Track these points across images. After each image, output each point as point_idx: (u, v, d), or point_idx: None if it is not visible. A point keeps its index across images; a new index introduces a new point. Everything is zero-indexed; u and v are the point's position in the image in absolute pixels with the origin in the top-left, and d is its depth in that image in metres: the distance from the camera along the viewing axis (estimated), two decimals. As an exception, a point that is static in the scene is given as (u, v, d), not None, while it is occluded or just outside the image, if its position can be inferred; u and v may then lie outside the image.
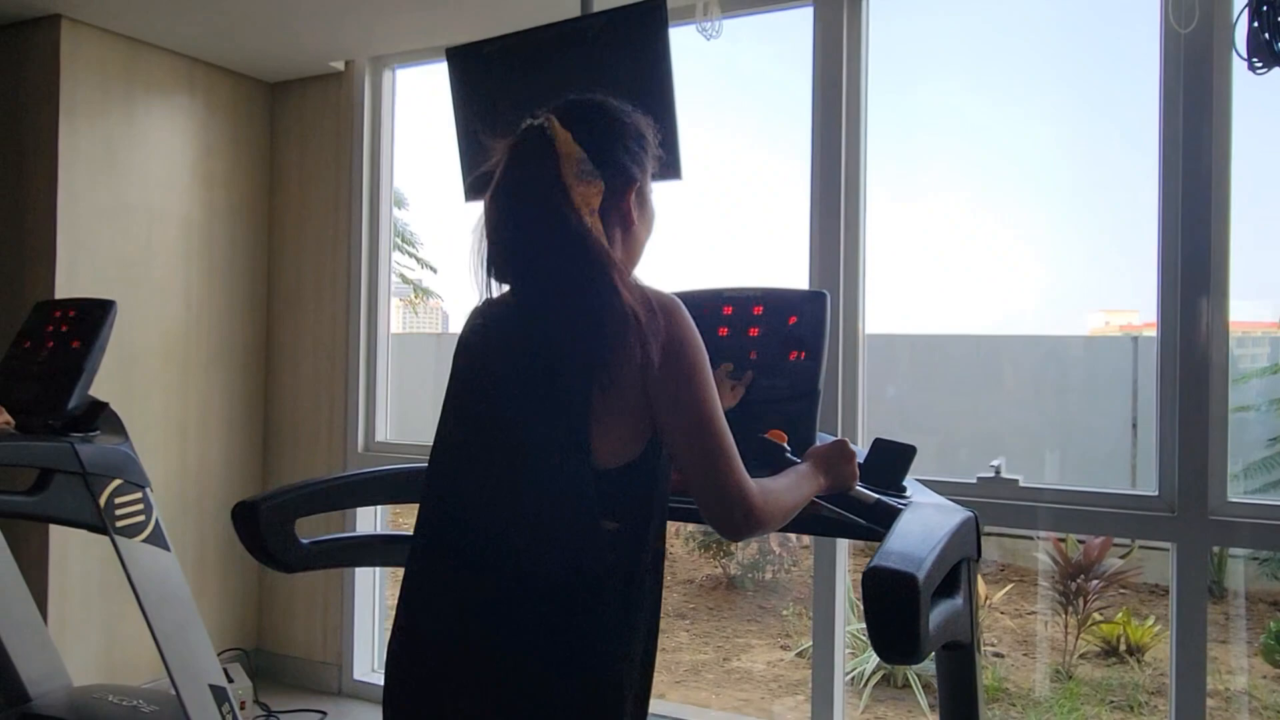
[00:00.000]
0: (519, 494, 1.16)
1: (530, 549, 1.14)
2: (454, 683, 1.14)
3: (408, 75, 3.79)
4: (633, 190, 1.29)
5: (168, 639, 2.37)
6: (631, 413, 1.16)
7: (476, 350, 1.28)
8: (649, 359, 1.14)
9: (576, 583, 1.13)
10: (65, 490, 2.14)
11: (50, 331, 2.50)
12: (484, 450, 1.20)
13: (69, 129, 3.16)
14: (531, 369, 1.19)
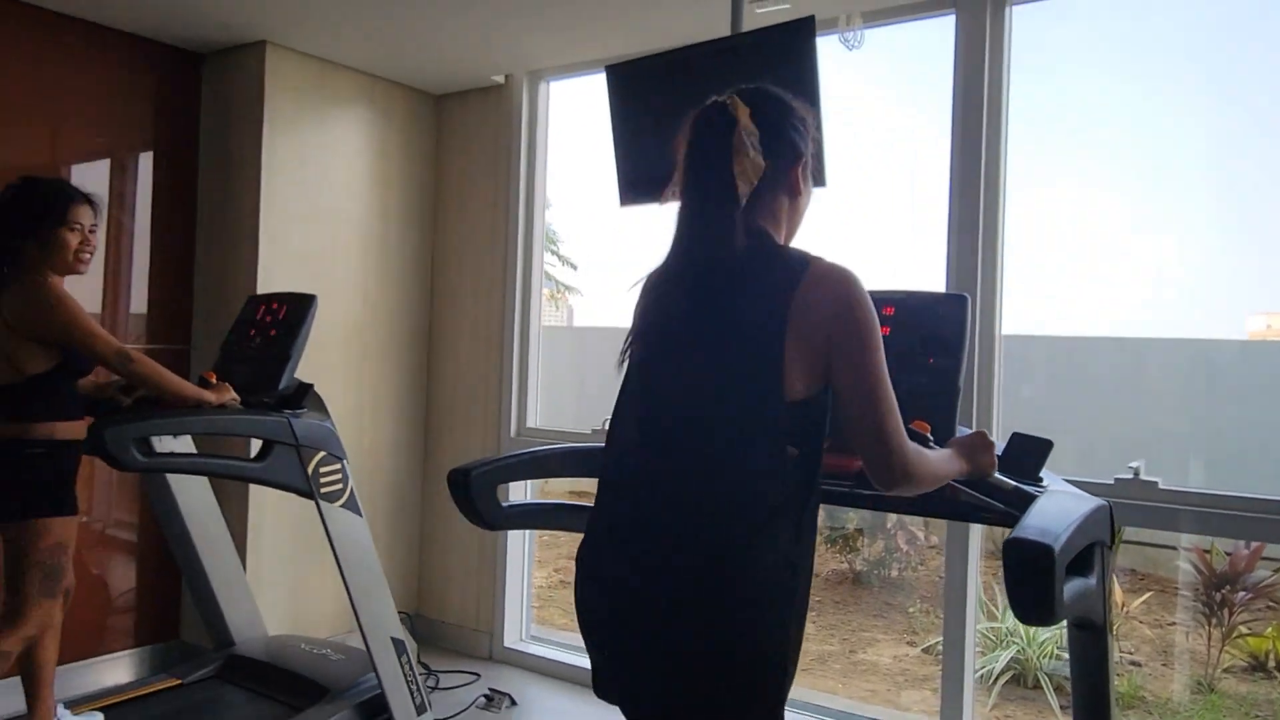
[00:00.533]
0: (714, 431, 1.35)
1: (725, 477, 1.33)
2: (651, 602, 1.33)
3: (560, 86, 4.06)
4: (800, 164, 1.48)
5: (358, 593, 2.69)
6: (808, 356, 1.33)
7: (659, 310, 1.47)
8: (824, 315, 1.33)
9: (764, 504, 1.31)
10: (282, 459, 2.48)
11: (261, 321, 2.87)
12: (678, 394, 1.39)
13: (270, 141, 3.56)
14: (721, 313, 1.38)
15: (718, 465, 1.34)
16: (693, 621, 1.29)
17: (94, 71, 3.44)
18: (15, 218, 2.34)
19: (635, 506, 1.39)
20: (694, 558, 1.31)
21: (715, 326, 1.40)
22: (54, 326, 2.27)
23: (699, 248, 1.45)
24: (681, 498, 1.34)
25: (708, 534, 1.32)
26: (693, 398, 1.39)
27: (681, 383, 1.41)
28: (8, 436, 2.29)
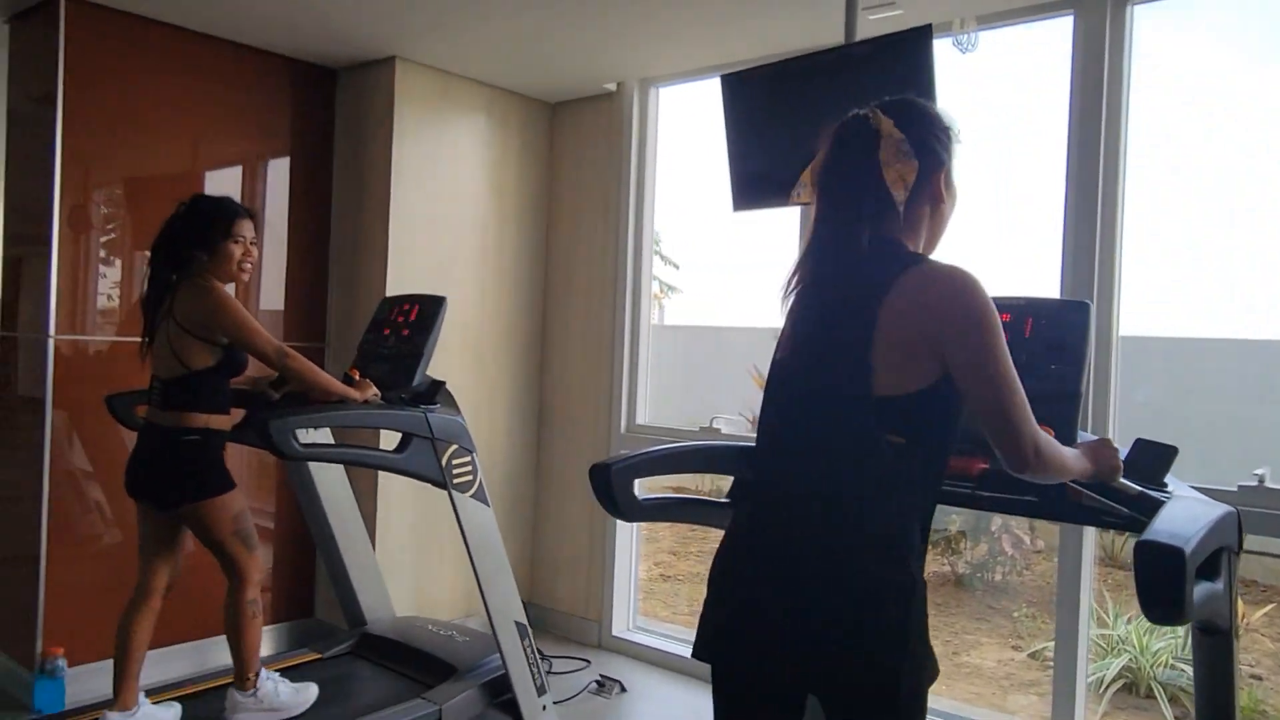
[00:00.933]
0: (817, 426, 1.46)
1: (829, 465, 1.44)
2: (776, 573, 1.44)
3: (668, 92, 4.17)
4: (942, 172, 1.54)
5: (486, 579, 2.86)
6: (909, 350, 1.40)
7: (791, 318, 1.58)
8: (929, 310, 1.40)
9: (866, 483, 1.41)
10: (420, 451, 2.66)
11: (395, 321, 3.06)
12: (797, 399, 1.51)
13: (399, 151, 3.78)
14: (829, 321, 1.48)
15: (834, 464, 1.44)
16: (831, 599, 1.39)
17: (238, 88, 3.72)
18: (187, 231, 2.58)
19: (779, 498, 1.50)
20: (825, 545, 1.41)
21: (828, 330, 1.49)
22: (222, 326, 2.49)
23: (827, 257, 1.53)
24: (810, 493, 1.45)
25: (833, 524, 1.42)
26: (810, 398, 1.49)
27: (805, 384, 1.51)
28: (167, 424, 2.53)
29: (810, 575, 1.41)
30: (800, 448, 1.49)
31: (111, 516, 3.46)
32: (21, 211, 3.46)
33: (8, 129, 3.53)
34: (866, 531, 1.40)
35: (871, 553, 1.40)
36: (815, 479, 1.45)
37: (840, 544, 1.41)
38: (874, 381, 1.40)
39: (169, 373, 2.52)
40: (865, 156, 1.49)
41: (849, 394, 1.42)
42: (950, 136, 1.56)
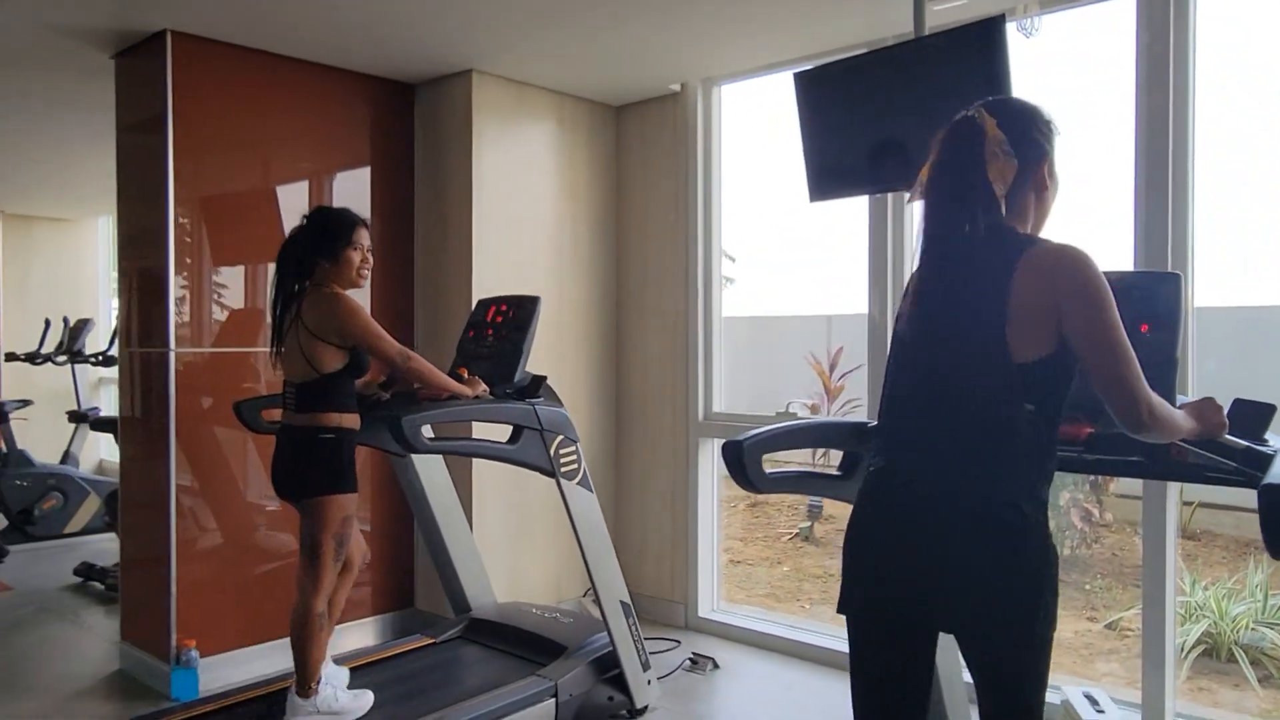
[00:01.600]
0: (957, 395, 1.60)
1: (980, 435, 1.57)
2: (920, 530, 1.59)
3: (730, 89, 4.29)
4: (1045, 162, 1.69)
5: (593, 561, 3.02)
6: (1035, 321, 1.54)
7: (912, 302, 1.71)
8: (1049, 284, 1.53)
9: (1012, 452, 1.55)
10: (530, 442, 2.83)
11: (492, 321, 3.23)
12: (933, 371, 1.64)
13: (478, 159, 3.95)
14: (957, 301, 1.62)
15: (973, 426, 1.58)
16: (975, 548, 1.55)
17: (324, 105, 3.92)
18: (311, 241, 2.75)
19: (916, 459, 1.65)
20: (964, 497, 1.57)
21: (957, 308, 1.63)
22: (351, 332, 2.66)
23: (944, 245, 1.67)
24: (947, 451, 1.60)
25: (974, 481, 1.57)
26: (946, 369, 1.63)
27: (941, 358, 1.65)
28: (303, 425, 2.70)
29: (956, 532, 1.56)
30: (940, 415, 1.62)
31: (231, 517, 3.69)
32: (136, 236, 3.69)
33: (117, 158, 3.75)
34: (1008, 493, 1.55)
35: (1013, 512, 1.54)
36: (957, 444, 1.59)
37: (985, 505, 1.55)
38: (1009, 351, 1.53)
39: (301, 376, 2.70)
40: (972, 153, 1.63)
41: (990, 363, 1.56)
42: (1051, 129, 1.70)
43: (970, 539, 1.55)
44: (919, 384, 1.67)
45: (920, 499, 1.60)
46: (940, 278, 1.66)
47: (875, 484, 1.70)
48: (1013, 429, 1.55)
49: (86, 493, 5.96)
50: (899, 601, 1.64)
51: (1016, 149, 1.62)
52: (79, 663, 3.89)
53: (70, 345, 6.49)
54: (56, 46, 3.58)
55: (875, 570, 1.66)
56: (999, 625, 1.55)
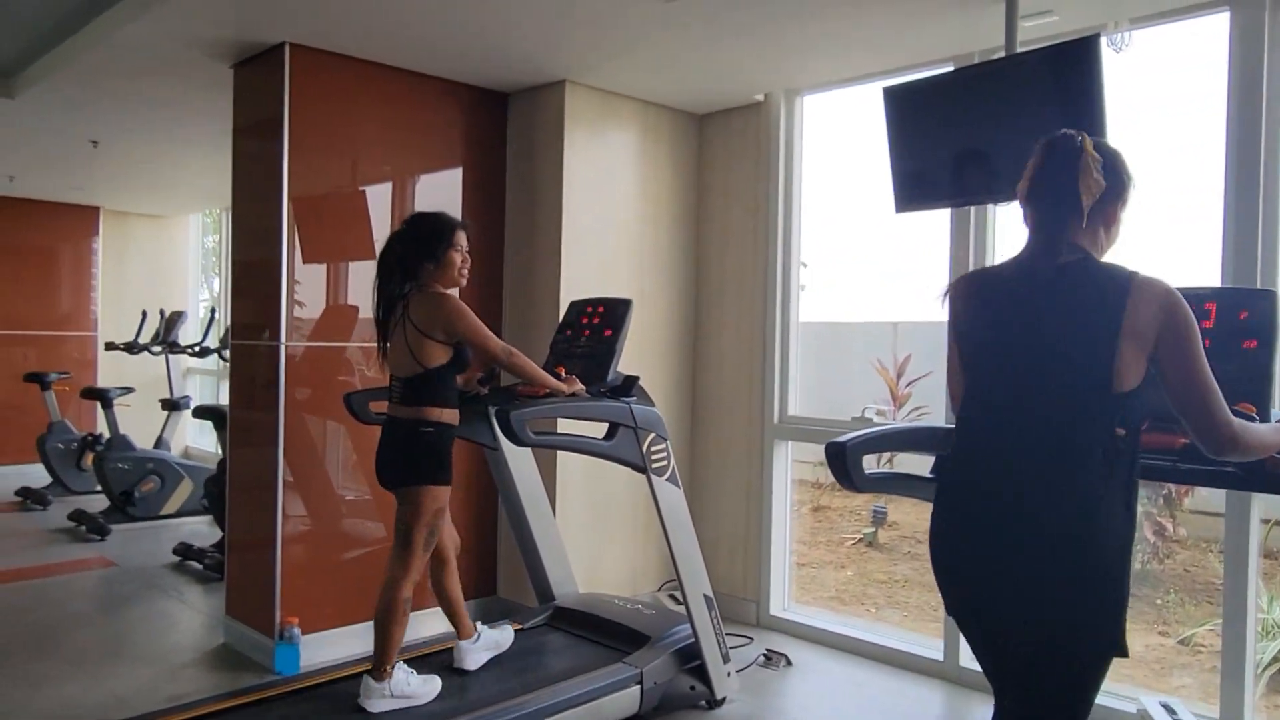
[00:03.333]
0: (1058, 414, 1.67)
1: (1070, 451, 1.65)
2: (1018, 545, 1.68)
3: (812, 100, 4.38)
4: (1120, 202, 1.78)
5: (680, 554, 3.15)
6: (1136, 353, 1.63)
7: (997, 310, 1.79)
8: (1151, 318, 1.62)
9: (1100, 473, 1.64)
10: (625, 439, 2.96)
11: (585, 322, 3.37)
12: (1024, 389, 1.72)
13: (569, 165, 4.11)
14: (1059, 316, 1.70)
15: (1063, 441, 1.67)
16: (1054, 559, 1.63)
17: (424, 112, 4.11)
18: (414, 245, 2.91)
19: (1003, 476, 1.73)
20: (1051, 514, 1.65)
21: (1055, 328, 1.71)
22: (456, 329, 2.82)
23: (1039, 259, 1.76)
24: (1036, 468, 1.68)
25: (1059, 496, 1.66)
26: (1039, 387, 1.71)
27: (1027, 375, 1.73)
28: (407, 417, 2.87)
29: (1038, 554, 1.65)
30: (1031, 434, 1.70)
31: (331, 503, 3.90)
32: (251, 232, 3.92)
33: (234, 159, 3.99)
34: (1095, 516, 1.63)
35: (1103, 536, 1.63)
36: (1048, 465, 1.67)
37: (1071, 530, 1.63)
38: (1114, 380, 1.63)
39: (407, 371, 2.87)
40: (1068, 167, 1.73)
41: (1093, 391, 1.64)
42: (1131, 178, 1.79)
43: (1052, 561, 1.63)
44: (1009, 398, 1.75)
45: (1005, 517, 1.70)
46: (1031, 296, 1.74)
47: (958, 497, 1.79)
48: (1106, 456, 1.63)
49: (181, 477, 6.28)
50: (989, 618, 1.76)
51: (1104, 175, 1.72)
52: (185, 635, 4.14)
53: (165, 336, 6.84)
54: (183, 58, 3.82)
55: (962, 584, 1.77)
56: (1085, 644, 1.65)
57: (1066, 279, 1.71)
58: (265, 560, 3.70)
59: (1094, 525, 1.63)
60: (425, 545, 2.87)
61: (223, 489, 5.09)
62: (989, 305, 1.83)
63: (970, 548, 1.76)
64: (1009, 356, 1.77)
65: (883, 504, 6.97)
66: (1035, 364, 1.72)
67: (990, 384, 1.80)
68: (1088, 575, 1.63)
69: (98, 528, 5.83)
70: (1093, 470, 1.63)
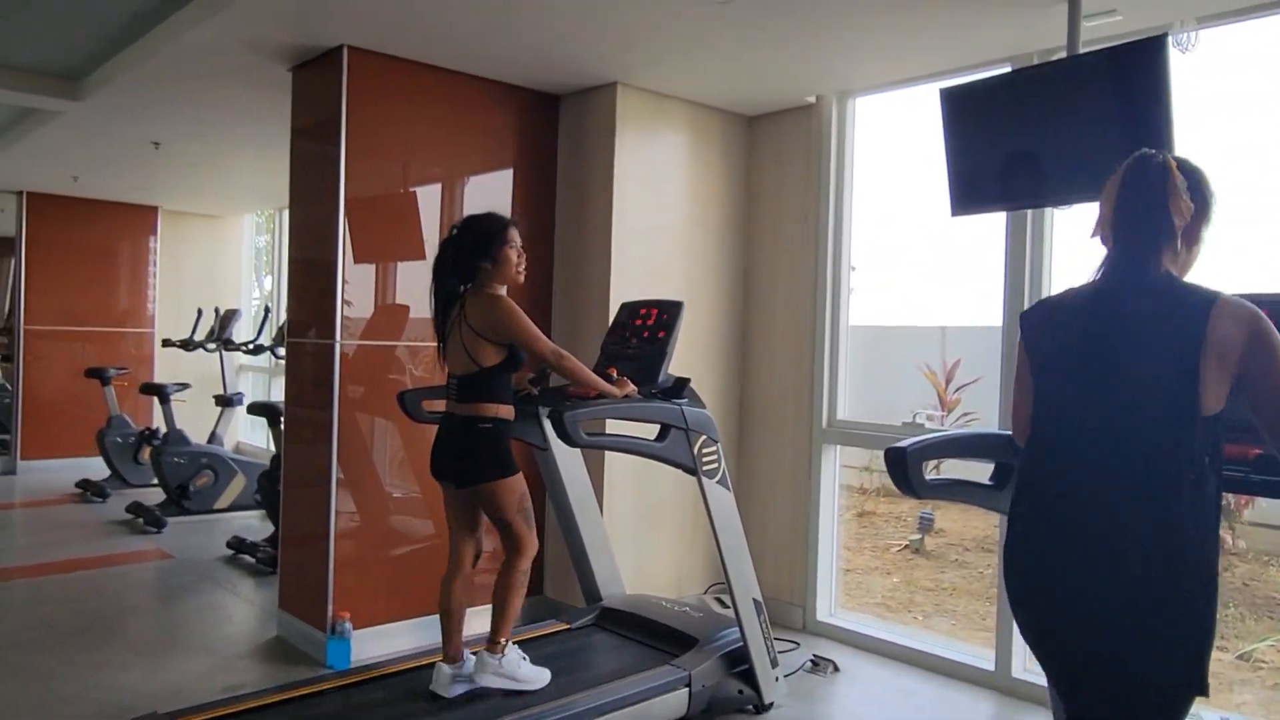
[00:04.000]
0: (1141, 434, 1.63)
1: (1155, 472, 1.61)
2: (1099, 573, 1.64)
3: (864, 102, 4.35)
4: (1205, 221, 1.75)
5: (729, 558, 3.14)
6: (1221, 375, 1.59)
7: (1079, 328, 1.75)
8: (1236, 340, 1.59)
9: (1186, 493, 1.59)
10: (676, 441, 2.96)
11: (637, 324, 3.38)
12: (1111, 416, 1.68)
13: (620, 167, 4.12)
14: (1144, 337, 1.66)
15: (1151, 470, 1.62)
16: (1139, 591, 1.60)
17: (476, 113, 4.15)
18: (469, 246, 2.94)
19: (1078, 505, 1.69)
20: (1138, 547, 1.61)
21: (1140, 354, 1.67)
22: (509, 330, 2.85)
23: (1123, 282, 1.73)
24: (1122, 499, 1.64)
25: (1146, 529, 1.61)
26: (1125, 414, 1.67)
27: (1107, 395, 1.69)
28: (466, 414, 2.90)
29: (1131, 590, 1.61)
30: (1115, 462, 1.66)
31: (382, 499, 3.95)
32: (308, 232, 3.99)
33: (291, 160, 4.06)
34: (1188, 549, 1.60)
35: (1192, 571, 1.59)
36: (1134, 495, 1.63)
37: (1156, 559, 1.60)
38: (1199, 404, 1.59)
39: (464, 370, 2.90)
40: (1157, 191, 1.70)
41: (1178, 413, 1.60)
42: (1214, 199, 1.75)
43: (1138, 596, 1.60)
44: (1092, 426, 1.70)
45: (1088, 550, 1.66)
46: (1114, 315, 1.70)
47: (1035, 527, 1.75)
48: (1195, 484, 1.59)
49: (235, 472, 6.41)
50: (1067, 651, 1.72)
51: (1191, 197, 1.69)
52: (239, 627, 4.22)
53: (220, 333, 6.98)
54: (244, 61, 3.90)
55: (1040, 615, 1.74)
56: (1174, 683, 1.61)
57: (1151, 302, 1.68)
58: (318, 555, 3.76)
59: (1183, 560, 1.59)
60: (527, 525, 2.93)
61: (276, 484, 5.20)
62: (1067, 331, 1.79)
63: (1049, 579, 1.72)
64: (1092, 383, 1.72)
65: (930, 510, 6.89)
66: (1120, 391, 1.68)
67: (1071, 412, 1.75)
68: (1175, 612, 1.59)
69: (154, 520, 5.97)
70: (1182, 500, 1.59)
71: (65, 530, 6.02)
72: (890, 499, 7.80)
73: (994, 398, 3.81)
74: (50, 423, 8.11)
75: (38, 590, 4.68)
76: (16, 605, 4.43)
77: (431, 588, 3.11)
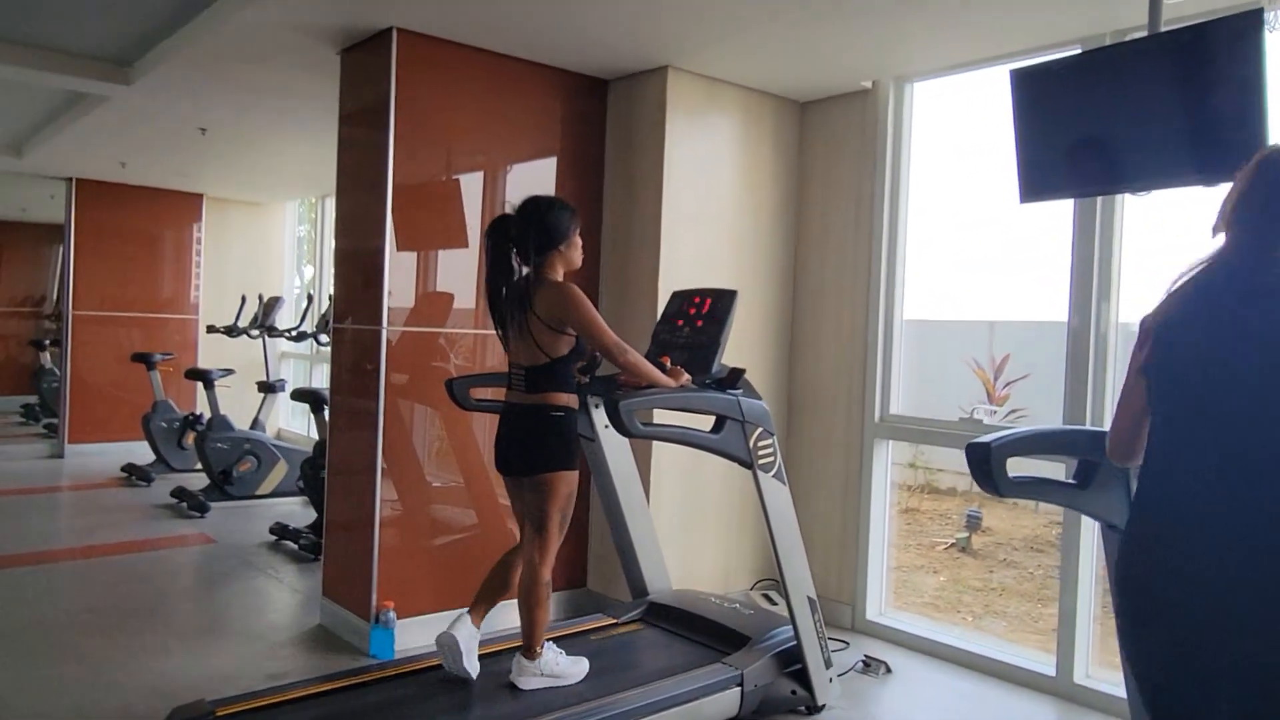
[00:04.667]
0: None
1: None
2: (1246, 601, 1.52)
3: (923, 87, 4.21)
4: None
5: (785, 554, 3.05)
6: None
7: (1201, 326, 1.64)
8: None
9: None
10: (732, 433, 2.87)
11: (689, 313, 3.29)
12: (1240, 415, 1.56)
13: (670, 152, 4.02)
14: (1268, 342, 1.54)
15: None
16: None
17: (524, 98, 4.08)
18: (532, 231, 2.86)
19: (1214, 515, 1.57)
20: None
21: (1267, 348, 1.55)
22: (574, 321, 2.77)
23: (1236, 279, 1.62)
24: (1262, 513, 1.52)
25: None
26: (1250, 410, 1.56)
27: (1248, 408, 1.57)
28: (534, 404, 2.83)
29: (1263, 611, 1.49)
30: (1246, 471, 1.55)
31: (426, 487, 3.91)
32: (355, 218, 3.95)
33: (339, 145, 4.02)
34: None
35: None
36: (1270, 504, 1.51)
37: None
38: None
39: (531, 360, 2.83)
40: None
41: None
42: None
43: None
44: (1223, 433, 1.59)
45: (1223, 577, 1.54)
46: (1241, 315, 1.59)
47: (1159, 550, 1.63)
48: None
49: (277, 458, 6.42)
50: (1191, 680, 1.60)
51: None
52: (281, 614, 4.21)
53: (263, 320, 7.01)
54: (292, 43, 3.87)
55: (1171, 635, 1.62)
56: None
57: (1270, 298, 1.58)
58: (362, 543, 3.73)
59: None
60: (560, 528, 2.87)
61: (319, 471, 5.20)
62: (1188, 327, 1.67)
63: (1178, 612, 1.60)
64: (1216, 380, 1.61)
65: (977, 508, 6.74)
66: (1252, 392, 1.56)
67: (1197, 421, 1.64)
68: None
69: (198, 505, 6.00)
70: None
71: (111, 513, 6.07)
72: (934, 495, 7.65)
73: (1048, 393, 3.67)
74: (97, 407, 8.21)
75: (85, 572, 4.72)
76: (65, 587, 4.46)
77: (476, 577, 3.06)
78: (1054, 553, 6.30)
